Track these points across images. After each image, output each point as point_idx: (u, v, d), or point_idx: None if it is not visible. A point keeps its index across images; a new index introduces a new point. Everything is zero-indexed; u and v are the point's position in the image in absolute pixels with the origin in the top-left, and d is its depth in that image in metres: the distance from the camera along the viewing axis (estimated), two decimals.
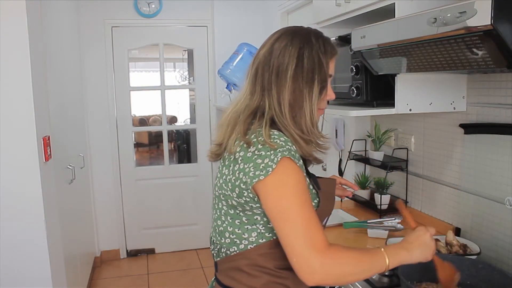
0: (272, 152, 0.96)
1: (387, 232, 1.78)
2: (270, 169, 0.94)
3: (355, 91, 1.77)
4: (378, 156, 2.11)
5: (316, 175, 1.17)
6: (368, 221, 1.84)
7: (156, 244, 4.05)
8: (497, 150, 1.51)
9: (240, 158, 1.00)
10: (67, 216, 2.63)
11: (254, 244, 1.04)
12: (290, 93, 1.03)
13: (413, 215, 1.97)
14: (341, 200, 2.29)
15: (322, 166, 2.88)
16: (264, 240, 1.03)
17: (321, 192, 1.07)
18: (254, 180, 0.96)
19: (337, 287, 1.39)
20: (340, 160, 2.51)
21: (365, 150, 2.31)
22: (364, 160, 2.23)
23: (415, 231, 1.06)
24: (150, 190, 3.99)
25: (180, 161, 5.70)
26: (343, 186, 1.41)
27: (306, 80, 1.03)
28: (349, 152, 2.28)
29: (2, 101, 1.90)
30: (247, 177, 0.97)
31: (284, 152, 0.96)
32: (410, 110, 1.63)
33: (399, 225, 1.83)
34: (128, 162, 3.92)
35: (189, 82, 4.77)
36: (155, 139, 6.06)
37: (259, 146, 0.98)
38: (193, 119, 4.34)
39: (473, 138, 1.62)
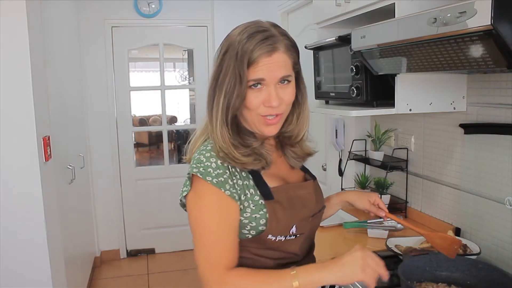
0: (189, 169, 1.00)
1: (387, 232, 1.78)
2: (189, 187, 0.98)
3: (355, 91, 1.77)
4: (378, 156, 2.11)
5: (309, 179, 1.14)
6: (368, 221, 1.84)
7: (156, 244, 4.05)
8: (497, 150, 1.51)
9: None
10: (67, 216, 2.63)
11: None
12: (208, 104, 1.03)
13: (413, 215, 1.98)
14: None
15: (322, 166, 2.88)
16: None
17: (274, 202, 1.00)
18: (181, 196, 1.02)
19: None
20: (340, 160, 2.51)
21: (365, 150, 2.31)
22: (364, 160, 2.23)
23: (351, 250, 0.97)
24: (150, 190, 3.99)
25: (180, 161, 5.69)
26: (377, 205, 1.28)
27: (219, 88, 0.99)
28: (349, 152, 2.28)
29: (2, 101, 1.90)
30: (181, 192, 1.03)
31: (194, 169, 0.96)
32: (410, 110, 1.63)
33: (399, 225, 1.83)
34: (128, 162, 3.92)
35: (189, 82, 4.77)
36: (155, 139, 6.05)
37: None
38: (193, 119, 4.34)
39: (473, 138, 1.62)
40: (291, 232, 1.02)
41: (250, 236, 1.00)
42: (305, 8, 3.01)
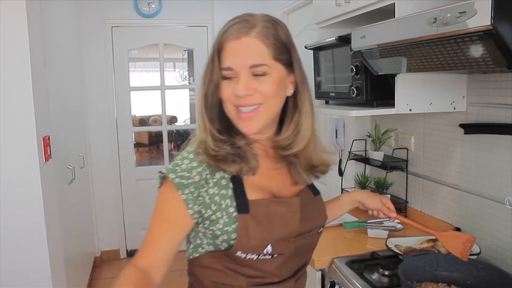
0: None
1: (387, 232, 1.78)
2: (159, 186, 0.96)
3: (355, 91, 1.77)
4: (378, 156, 2.11)
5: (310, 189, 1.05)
6: (368, 221, 1.84)
7: None
8: (497, 150, 1.51)
9: None
10: (67, 216, 2.63)
11: (191, 256, 1.00)
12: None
13: (413, 215, 1.98)
14: None
15: None
16: (196, 254, 0.98)
17: (249, 216, 0.90)
18: None
19: None
20: (340, 160, 2.51)
21: (365, 150, 2.31)
22: (364, 160, 2.22)
23: None
24: (150, 190, 3.97)
25: None
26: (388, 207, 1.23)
27: (202, 78, 0.96)
28: (349, 152, 2.28)
29: (2, 101, 1.90)
30: None
31: (163, 171, 0.93)
32: (410, 110, 1.63)
33: (399, 225, 1.83)
34: (128, 162, 3.92)
35: (189, 82, 4.77)
36: (155, 139, 6.06)
37: None
38: (193, 119, 4.34)
39: (473, 138, 1.62)
40: (265, 252, 0.92)
41: (222, 248, 0.93)
42: (305, 8, 3.01)
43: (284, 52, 0.93)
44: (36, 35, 2.04)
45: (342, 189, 2.29)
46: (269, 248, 0.92)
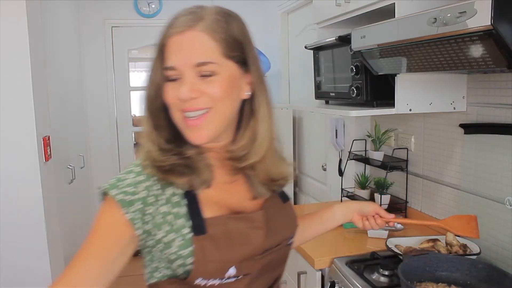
0: None
1: (387, 232, 1.78)
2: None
3: (355, 91, 1.77)
4: (378, 156, 2.11)
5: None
6: None
7: None
8: (497, 150, 1.51)
9: None
10: (67, 216, 2.63)
11: (149, 282, 0.88)
12: None
13: (413, 215, 1.98)
14: (341, 200, 2.29)
15: (322, 166, 2.88)
16: (154, 279, 0.86)
17: (206, 237, 0.78)
18: None
19: None
20: (340, 160, 2.51)
21: (365, 150, 2.31)
22: (364, 160, 2.22)
23: None
24: None
25: None
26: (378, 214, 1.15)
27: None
28: (349, 152, 2.28)
29: (2, 101, 1.91)
30: None
31: (104, 186, 0.79)
32: (410, 110, 1.63)
33: (399, 225, 1.83)
34: (128, 162, 3.91)
35: None
36: None
37: None
38: None
39: (473, 138, 1.62)
40: (227, 275, 0.80)
41: (179, 274, 0.80)
42: (305, 8, 3.01)
43: (237, 49, 0.80)
44: (36, 35, 2.04)
45: (342, 189, 2.29)
46: (232, 271, 0.81)
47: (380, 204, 2.01)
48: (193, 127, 0.79)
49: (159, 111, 0.82)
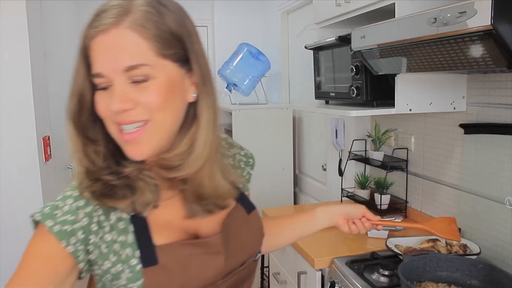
0: None
1: (387, 232, 1.78)
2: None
3: (355, 91, 1.77)
4: (378, 156, 2.11)
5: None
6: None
7: None
8: (497, 150, 1.51)
9: None
10: None
11: None
12: None
13: (413, 215, 1.98)
14: (341, 200, 2.30)
15: (322, 166, 2.88)
16: None
17: (159, 268, 0.70)
18: None
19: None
20: (340, 160, 2.51)
21: (365, 150, 2.31)
22: (364, 160, 2.22)
23: None
24: None
25: None
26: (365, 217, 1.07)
27: None
28: (349, 152, 2.28)
29: (2, 101, 1.91)
30: None
31: (37, 211, 0.69)
32: (410, 110, 1.63)
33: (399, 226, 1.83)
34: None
35: None
36: None
37: None
38: None
39: (473, 138, 1.62)
40: None
41: None
42: (305, 8, 3.02)
43: (175, 45, 0.68)
44: (36, 35, 2.04)
45: (342, 189, 2.29)
46: None
47: (380, 204, 2.01)
48: (130, 142, 0.68)
49: (90, 123, 0.70)
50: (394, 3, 1.50)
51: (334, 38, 1.79)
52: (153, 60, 0.66)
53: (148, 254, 0.70)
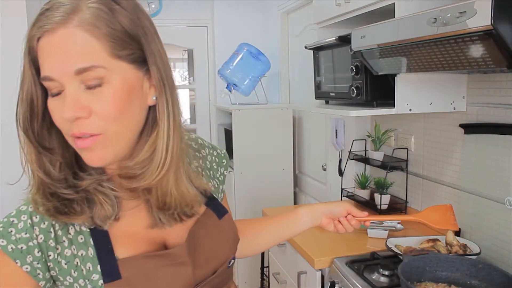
0: None
1: (387, 232, 1.78)
2: None
3: (355, 91, 1.77)
4: (378, 156, 2.11)
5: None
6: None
7: None
8: (497, 150, 1.51)
9: None
10: None
11: None
12: None
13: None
14: (341, 199, 2.29)
15: (322, 166, 2.88)
16: None
17: (122, 282, 0.67)
18: None
19: None
20: (340, 160, 2.51)
21: (365, 150, 2.31)
22: (364, 160, 2.22)
23: None
24: None
25: None
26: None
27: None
28: (349, 152, 2.28)
29: (2, 101, 1.91)
30: None
31: None
32: (410, 110, 1.63)
33: (399, 225, 1.83)
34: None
35: (189, 82, 4.77)
36: None
37: None
38: (193, 119, 4.33)
39: (473, 138, 1.62)
40: None
41: None
42: (305, 8, 3.02)
43: (130, 45, 0.63)
44: None
45: (342, 189, 2.29)
46: None
47: (380, 204, 2.01)
48: (85, 149, 0.63)
49: (44, 130, 0.66)
50: (394, 3, 1.50)
51: (334, 38, 1.79)
52: (107, 61, 0.60)
53: (110, 268, 0.66)
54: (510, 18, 0.98)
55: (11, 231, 0.65)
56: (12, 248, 0.64)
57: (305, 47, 2.17)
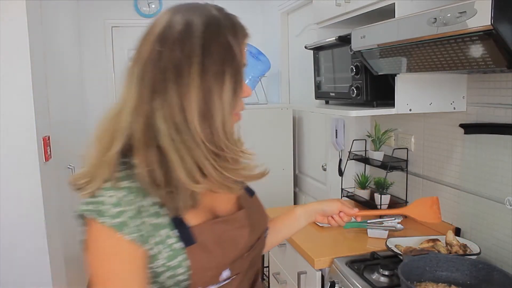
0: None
1: (387, 232, 1.78)
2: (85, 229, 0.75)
3: (355, 91, 1.77)
4: (378, 156, 2.11)
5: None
6: (368, 221, 1.83)
7: None
8: (497, 150, 1.51)
9: None
10: (67, 216, 2.63)
11: None
12: (197, 96, 0.73)
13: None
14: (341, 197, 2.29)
15: (322, 166, 2.88)
16: None
17: (197, 246, 0.77)
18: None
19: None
20: (340, 160, 2.51)
21: (365, 150, 2.31)
22: (364, 160, 2.22)
23: None
24: None
25: None
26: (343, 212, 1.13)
27: (216, 75, 0.74)
28: (349, 152, 2.28)
29: (2, 101, 1.90)
30: None
31: (83, 207, 0.73)
32: (410, 110, 1.63)
33: (399, 225, 1.83)
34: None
35: None
36: None
37: None
38: None
39: (473, 138, 1.62)
40: (221, 279, 0.81)
41: (169, 285, 0.77)
42: (305, 8, 3.02)
43: None
44: (36, 35, 2.04)
45: (342, 189, 2.29)
46: (225, 274, 0.81)
47: (380, 204, 2.01)
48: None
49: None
50: (394, 3, 1.50)
51: (334, 38, 1.79)
52: None
53: (186, 234, 0.76)
54: (510, 18, 0.98)
55: (103, 209, 0.72)
56: (110, 223, 0.71)
57: (305, 47, 2.17)
